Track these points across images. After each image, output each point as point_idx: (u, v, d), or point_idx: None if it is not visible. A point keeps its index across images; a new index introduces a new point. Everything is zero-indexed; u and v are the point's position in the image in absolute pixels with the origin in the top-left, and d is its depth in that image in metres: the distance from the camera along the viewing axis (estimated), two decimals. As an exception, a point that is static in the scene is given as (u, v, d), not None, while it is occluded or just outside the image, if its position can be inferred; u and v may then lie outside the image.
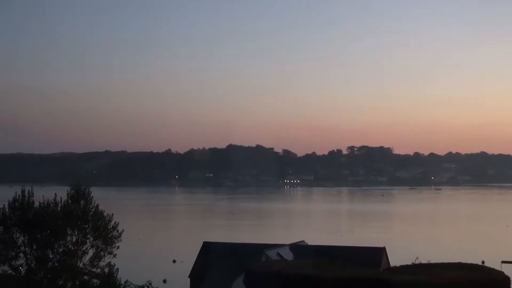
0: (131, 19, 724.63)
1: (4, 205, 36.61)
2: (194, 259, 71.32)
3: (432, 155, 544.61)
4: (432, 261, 39.27)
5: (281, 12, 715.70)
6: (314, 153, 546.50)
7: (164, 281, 73.65)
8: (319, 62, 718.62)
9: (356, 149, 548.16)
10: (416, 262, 41.07)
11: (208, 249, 70.87)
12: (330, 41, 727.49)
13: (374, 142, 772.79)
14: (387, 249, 67.81)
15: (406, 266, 35.68)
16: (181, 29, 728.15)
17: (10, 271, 36.24)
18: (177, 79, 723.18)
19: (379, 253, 65.73)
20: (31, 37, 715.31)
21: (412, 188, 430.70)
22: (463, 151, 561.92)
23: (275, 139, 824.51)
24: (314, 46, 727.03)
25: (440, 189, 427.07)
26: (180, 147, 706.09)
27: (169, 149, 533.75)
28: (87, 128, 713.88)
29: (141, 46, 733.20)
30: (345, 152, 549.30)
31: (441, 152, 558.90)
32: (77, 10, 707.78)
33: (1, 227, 36.10)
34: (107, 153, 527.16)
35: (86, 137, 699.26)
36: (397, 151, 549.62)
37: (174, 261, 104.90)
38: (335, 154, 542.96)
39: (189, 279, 69.40)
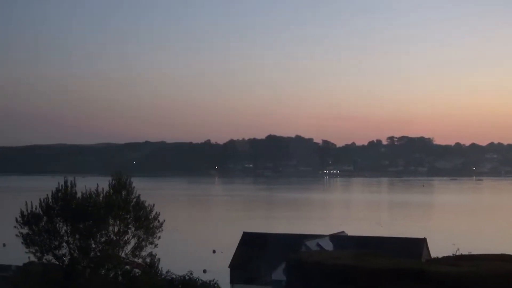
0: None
1: (47, 195, 36.97)
2: (234, 249, 71.56)
3: (473, 145, 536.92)
4: (474, 253, 38.89)
5: (319, 1, 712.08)
6: (353, 143, 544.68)
7: (204, 271, 73.84)
8: (358, 52, 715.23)
9: (396, 139, 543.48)
10: (457, 254, 40.72)
11: (248, 239, 71.07)
12: (370, 30, 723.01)
13: (414, 132, 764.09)
14: (427, 240, 67.34)
15: (448, 257, 35.34)
16: (226, 20, 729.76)
17: (54, 260, 36.68)
18: (217, 71, 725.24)
19: (420, 244, 65.27)
20: (76, 29, 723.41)
21: (452, 179, 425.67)
22: (506, 141, 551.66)
23: (314, 130, 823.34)
24: (354, 36, 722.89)
25: (481, 180, 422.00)
26: (220, 138, 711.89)
27: (209, 140, 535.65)
28: (127, 119, 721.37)
29: (183, 36, 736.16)
30: (385, 142, 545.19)
31: (483, 142, 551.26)
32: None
33: (45, 217, 36.49)
34: (147, 143, 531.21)
35: (126, 128, 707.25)
36: (437, 141, 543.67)
37: (214, 251, 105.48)
38: (374, 145, 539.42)
39: (229, 269, 69.75)
